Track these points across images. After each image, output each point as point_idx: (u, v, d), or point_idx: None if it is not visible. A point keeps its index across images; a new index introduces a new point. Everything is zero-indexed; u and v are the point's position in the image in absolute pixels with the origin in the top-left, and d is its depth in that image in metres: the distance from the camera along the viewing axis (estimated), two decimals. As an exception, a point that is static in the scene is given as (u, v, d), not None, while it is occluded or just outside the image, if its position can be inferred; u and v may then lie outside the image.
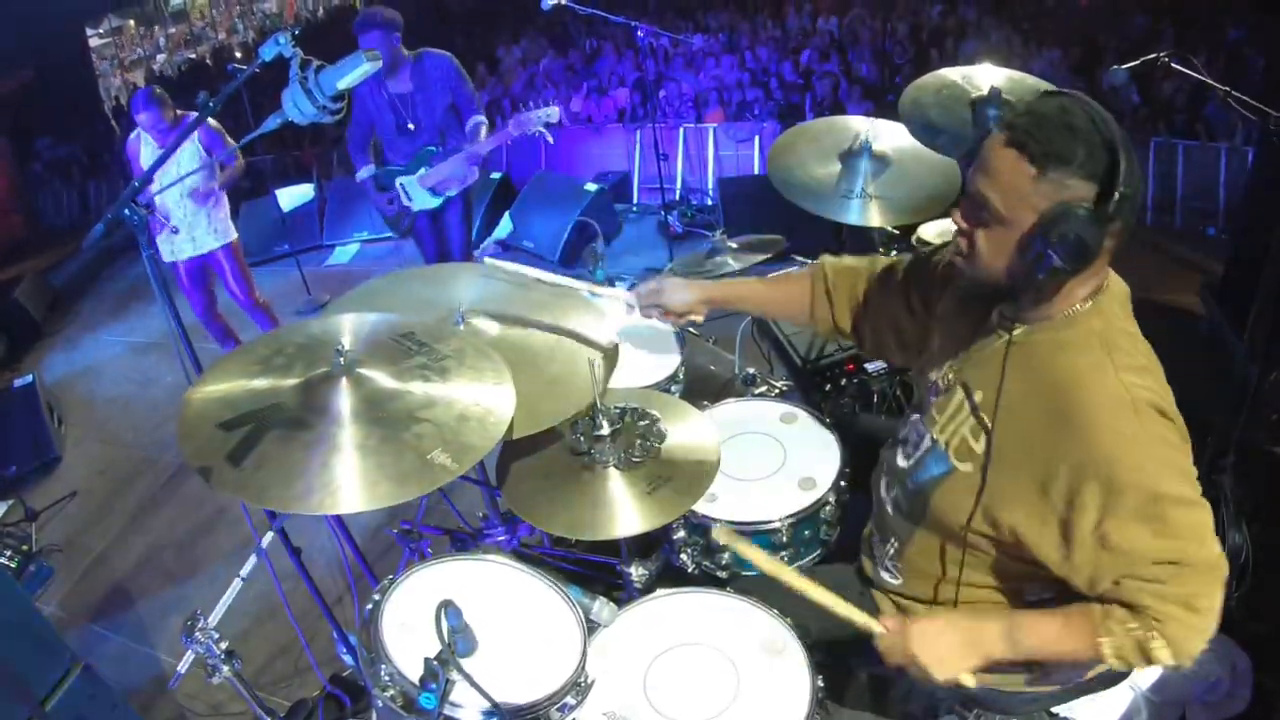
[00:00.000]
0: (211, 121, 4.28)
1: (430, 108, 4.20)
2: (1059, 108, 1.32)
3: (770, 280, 2.11)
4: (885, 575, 1.77)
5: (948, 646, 1.48)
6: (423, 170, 4.27)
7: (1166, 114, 5.92)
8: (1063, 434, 1.36)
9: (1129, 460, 1.32)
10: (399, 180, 4.34)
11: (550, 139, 4.08)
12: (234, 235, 4.71)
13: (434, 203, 4.36)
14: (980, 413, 1.50)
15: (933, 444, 1.60)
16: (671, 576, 2.08)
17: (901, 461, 1.70)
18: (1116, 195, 1.28)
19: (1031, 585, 1.56)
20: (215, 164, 4.43)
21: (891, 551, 1.73)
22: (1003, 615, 1.53)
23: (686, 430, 2.01)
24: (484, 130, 4.20)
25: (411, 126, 4.23)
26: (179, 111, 4.35)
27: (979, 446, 1.49)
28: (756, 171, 6.70)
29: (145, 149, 4.36)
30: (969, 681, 1.48)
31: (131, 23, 18.16)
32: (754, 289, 2.09)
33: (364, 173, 4.39)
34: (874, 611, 1.75)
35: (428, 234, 4.55)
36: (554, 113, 3.95)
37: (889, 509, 1.73)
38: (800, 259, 3.09)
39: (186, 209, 4.44)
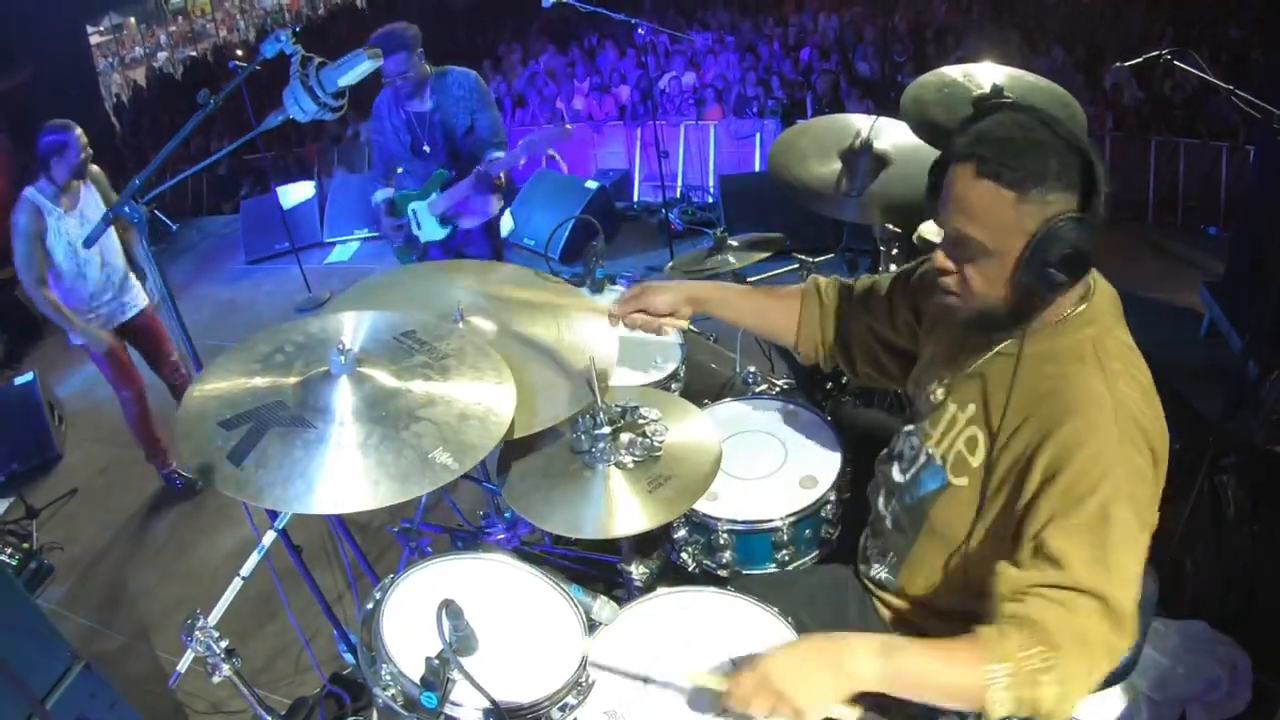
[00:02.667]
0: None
1: (448, 128, 3.81)
2: (1017, 125, 1.31)
3: (759, 291, 2.02)
4: (885, 583, 1.77)
5: (811, 673, 1.29)
6: (434, 196, 3.88)
7: (1167, 112, 5.92)
8: (1046, 440, 1.34)
9: (1096, 471, 1.28)
10: (411, 206, 3.94)
11: (564, 166, 3.83)
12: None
13: (440, 234, 3.96)
14: (974, 426, 1.48)
15: (928, 459, 1.59)
16: (672, 575, 2.08)
17: (898, 476, 1.70)
18: (1100, 195, 1.28)
19: None
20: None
21: (891, 563, 1.72)
22: (875, 635, 1.39)
23: (687, 429, 2.01)
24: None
25: (427, 149, 3.86)
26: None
27: (975, 460, 1.47)
28: (757, 169, 6.70)
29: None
30: (852, 714, 1.29)
31: (132, 20, 18.16)
32: (740, 296, 1.99)
33: (379, 195, 3.99)
34: (874, 618, 1.76)
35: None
36: (567, 131, 3.77)
37: (888, 523, 1.72)
38: (801, 257, 3.09)
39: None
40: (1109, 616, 1.25)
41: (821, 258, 3.15)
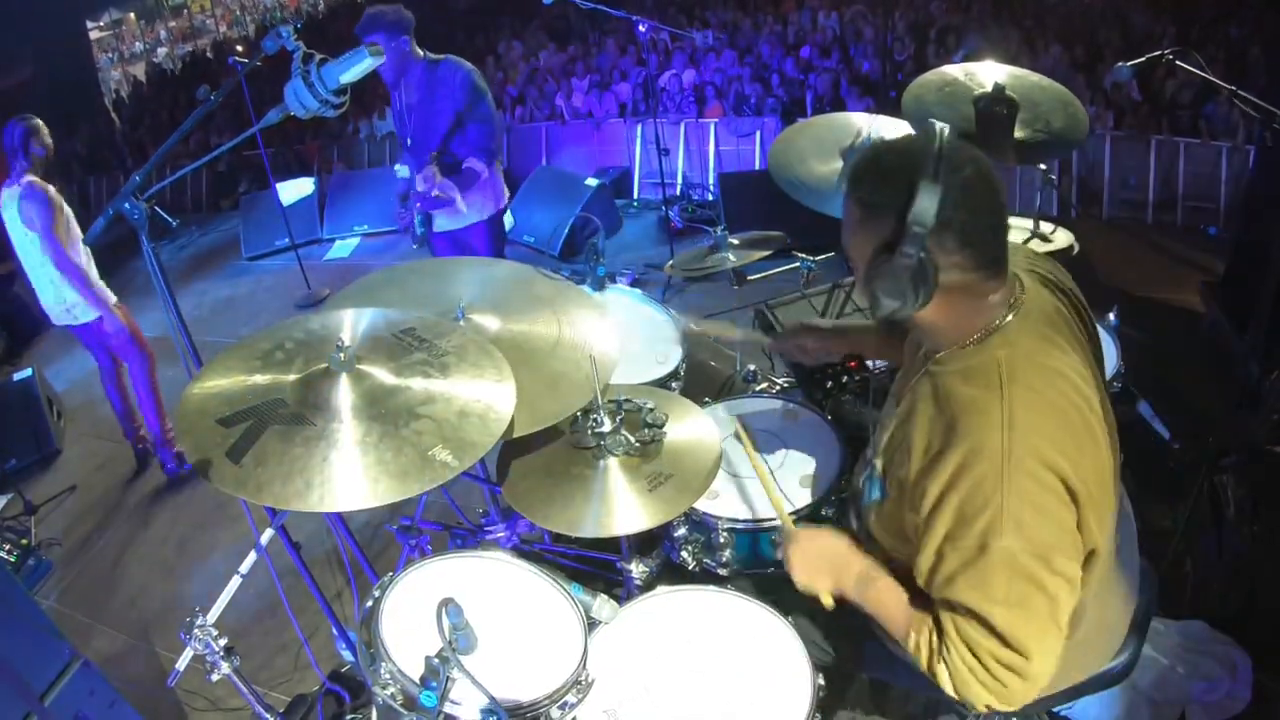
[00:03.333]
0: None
1: (429, 124, 3.65)
2: (888, 150, 1.37)
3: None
4: None
5: (816, 558, 1.62)
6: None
7: (1168, 112, 5.92)
8: (942, 459, 1.34)
9: (979, 501, 1.30)
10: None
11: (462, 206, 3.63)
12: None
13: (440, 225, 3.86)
14: (904, 440, 1.47)
15: (872, 469, 1.62)
16: (672, 574, 2.08)
17: (858, 483, 1.73)
18: (911, 230, 1.26)
19: None
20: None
21: None
22: (869, 563, 1.57)
23: (688, 427, 2.01)
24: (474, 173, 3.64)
25: (409, 141, 3.75)
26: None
27: (901, 472, 1.47)
28: (757, 167, 6.69)
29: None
30: (827, 601, 1.59)
31: (132, 16, 18.13)
32: (864, 334, 2.13)
33: (401, 170, 3.89)
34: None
35: (448, 254, 3.96)
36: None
37: (855, 530, 1.74)
38: (801, 255, 3.08)
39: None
40: (993, 636, 1.33)
41: (821, 256, 3.14)
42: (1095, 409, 1.38)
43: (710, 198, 6.84)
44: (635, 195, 7.16)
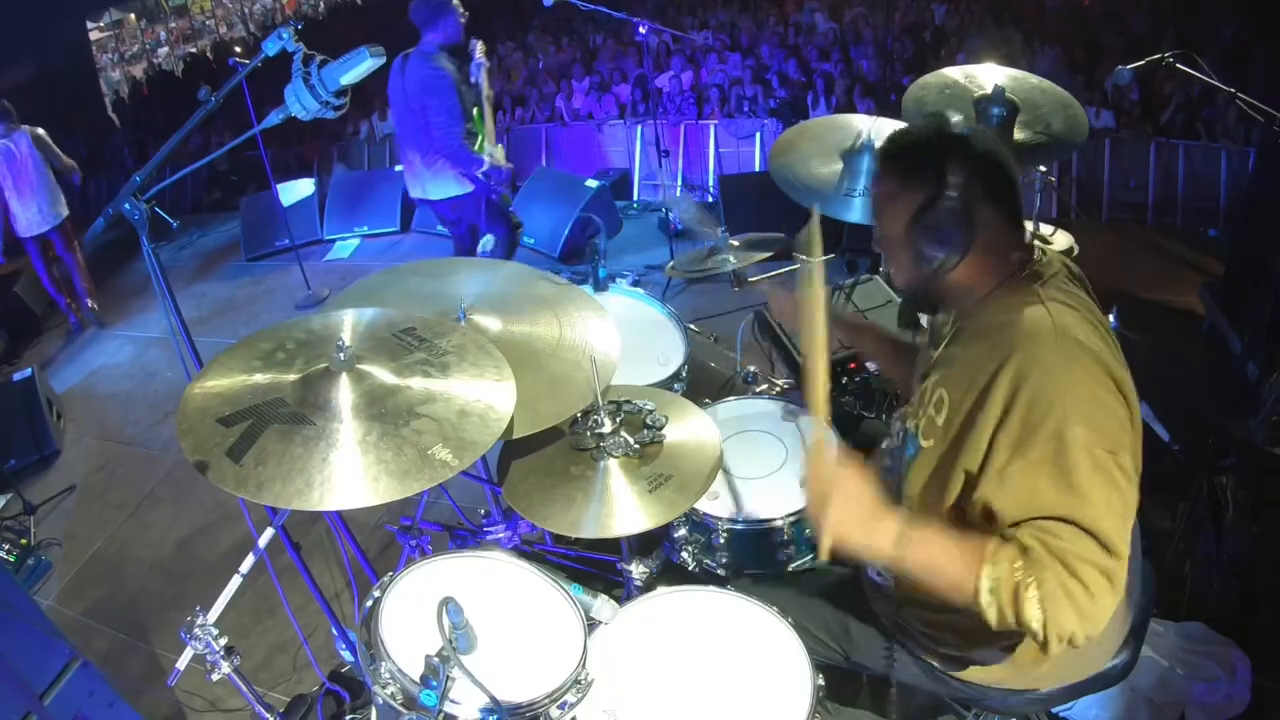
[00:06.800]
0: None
1: (401, 119, 4.25)
2: (914, 130, 1.53)
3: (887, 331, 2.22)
4: (878, 580, 1.77)
5: (855, 502, 1.43)
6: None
7: (1170, 113, 5.92)
8: (996, 377, 1.38)
9: (1044, 401, 1.33)
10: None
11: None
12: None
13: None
14: (940, 389, 1.52)
15: (906, 433, 1.64)
16: (672, 574, 2.08)
17: (887, 460, 1.73)
18: (949, 179, 1.43)
19: None
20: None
21: None
22: (905, 518, 1.43)
23: (688, 428, 2.01)
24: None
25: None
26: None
27: (940, 418, 1.51)
28: (757, 169, 6.69)
29: None
30: (824, 552, 1.43)
31: (132, 16, 18.14)
32: (874, 333, 2.20)
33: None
34: (874, 618, 1.76)
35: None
36: None
37: None
38: (801, 257, 3.07)
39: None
40: (1086, 537, 1.30)
41: (821, 258, 3.14)
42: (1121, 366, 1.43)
43: (710, 199, 6.84)
44: (635, 197, 7.15)
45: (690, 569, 2.06)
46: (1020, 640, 1.57)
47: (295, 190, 7.32)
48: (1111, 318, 2.49)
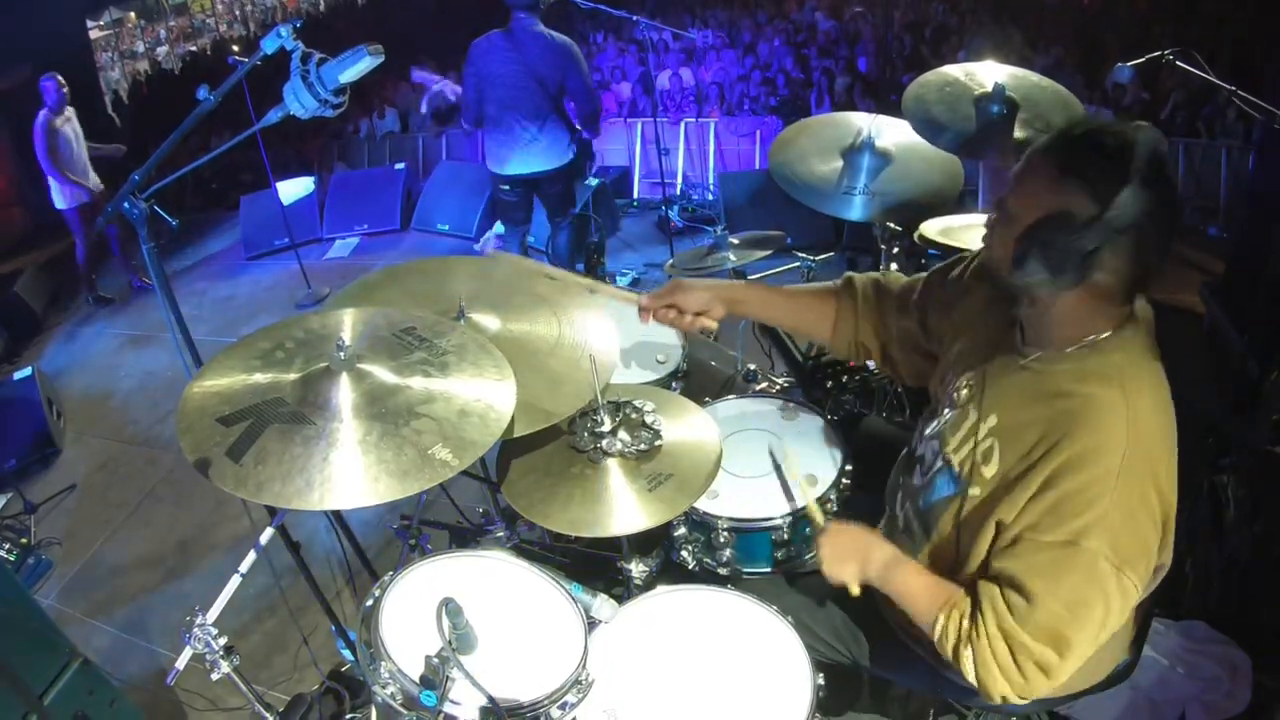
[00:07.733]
0: None
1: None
2: (1102, 130, 1.32)
3: (791, 290, 2.02)
4: None
5: (843, 548, 1.65)
6: None
7: (1169, 111, 5.91)
8: (1052, 452, 1.35)
9: (1084, 500, 1.31)
10: None
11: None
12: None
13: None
14: (993, 438, 1.48)
15: (945, 464, 1.58)
16: (672, 573, 2.07)
17: (916, 480, 1.70)
18: (1107, 216, 1.25)
19: None
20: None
21: None
22: (894, 550, 1.60)
23: (688, 427, 2.00)
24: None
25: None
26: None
27: (989, 470, 1.47)
28: (757, 167, 6.69)
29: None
30: (854, 589, 1.62)
31: (132, 15, 18.10)
32: (772, 296, 1.99)
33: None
34: (875, 618, 1.76)
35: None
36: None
37: (899, 525, 1.73)
38: (801, 255, 3.08)
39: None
40: (1042, 635, 1.34)
41: (821, 256, 3.14)
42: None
43: (710, 197, 6.83)
44: (635, 195, 7.15)
45: (690, 568, 2.06)
46: None
47: (295, 189, 7.31)
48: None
